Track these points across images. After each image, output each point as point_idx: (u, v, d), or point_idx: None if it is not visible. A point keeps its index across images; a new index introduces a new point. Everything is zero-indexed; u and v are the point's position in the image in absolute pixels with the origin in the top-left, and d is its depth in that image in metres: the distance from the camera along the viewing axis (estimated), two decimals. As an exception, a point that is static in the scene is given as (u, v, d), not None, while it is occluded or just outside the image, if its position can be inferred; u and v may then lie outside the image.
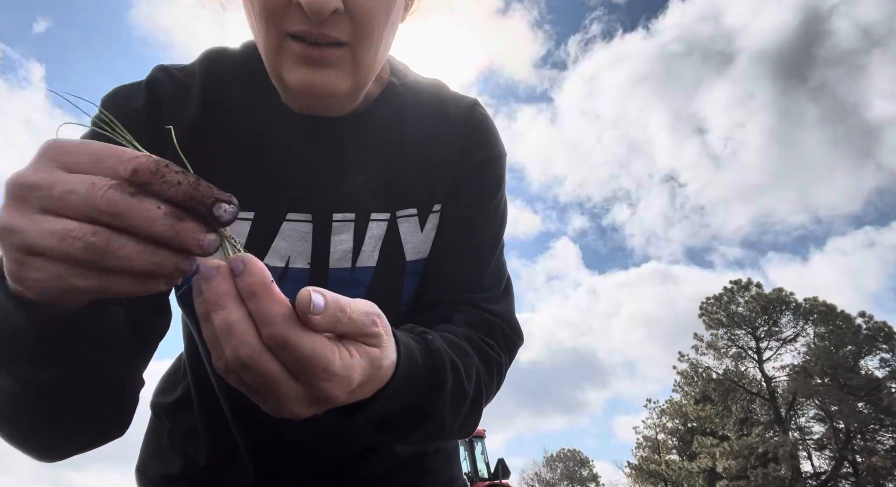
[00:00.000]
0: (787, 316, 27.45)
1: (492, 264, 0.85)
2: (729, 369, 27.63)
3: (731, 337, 27.87)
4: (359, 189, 0.78)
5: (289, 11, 0.62)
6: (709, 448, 26.36)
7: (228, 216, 0.39)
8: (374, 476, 0.91)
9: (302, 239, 0.76)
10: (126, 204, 0.37)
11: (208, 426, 0.88)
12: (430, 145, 0.83)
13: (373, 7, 0.63)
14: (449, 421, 0.66)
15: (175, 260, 0.39)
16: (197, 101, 0.75)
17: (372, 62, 0.68)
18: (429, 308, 0.80)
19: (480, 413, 0.73)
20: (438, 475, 0.97)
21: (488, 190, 0.86)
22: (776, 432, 25.67)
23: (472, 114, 0.86)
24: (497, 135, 0.88)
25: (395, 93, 0.83)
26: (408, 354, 0.56)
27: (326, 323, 0.42)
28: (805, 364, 26.05)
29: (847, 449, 24.51)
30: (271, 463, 0.86)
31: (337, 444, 0.88)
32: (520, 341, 0.83)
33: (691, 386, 29.05)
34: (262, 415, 0.85)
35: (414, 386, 0.58)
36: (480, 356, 0.73)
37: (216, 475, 0.89)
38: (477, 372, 0.72)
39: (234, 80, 0.78)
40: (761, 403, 26.96)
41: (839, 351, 25.70)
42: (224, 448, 0.87)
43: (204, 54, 0.81)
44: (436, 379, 0.61)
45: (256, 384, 0.42)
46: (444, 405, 0.63)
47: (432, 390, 0.61)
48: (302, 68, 0.65)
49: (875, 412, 24.31)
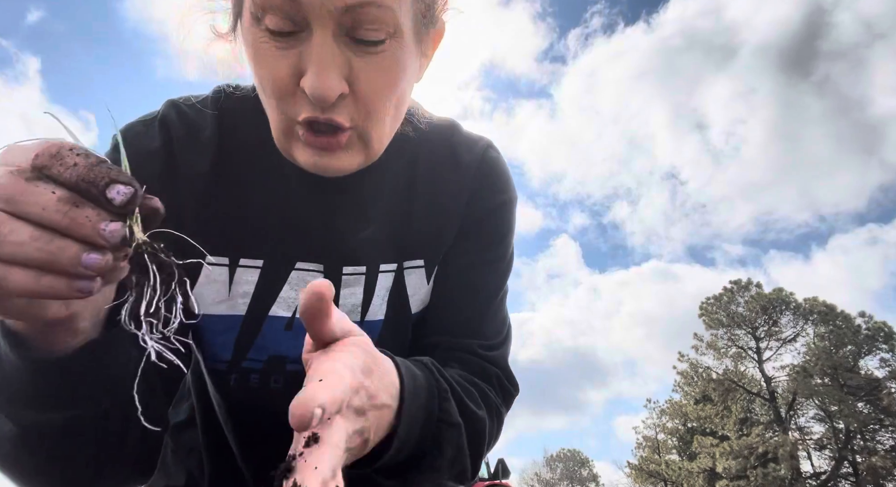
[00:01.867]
0: (787, 316, 27.43)
1: (493, 310, 0.84)
2: (729, 369, 27.62)
3: (731, 337, 27.86)
4: (369, 241, 0.78)
5: (296, 98, 0.61)
6: (709, 448, 26.36)
7: (122, 198, 0.35)
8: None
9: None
10: (17, 187, 0.35)
11: (210, 447, 0.89)
12: (440, 195, 0.82)
13: (378, 88, 0.62)
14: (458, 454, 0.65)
15: (76, 250, 0.35)
16: (210, 147, 0.75)
17: (381, 137, 0.67)
18: (425, 351, 0.79)
19: (484, 449, 0.72)
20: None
21: (495, 235, 0.85)
22: (776, 432, 25.67)
23: (484, 159, 0.85)
24: (508, 179, 0.87)
25: (406, 143, 0.82)
26: (410, 375, 0.58)
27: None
28: (805, 364, 26.04)
29: (847, 449, 24.52)
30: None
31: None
32: (515, 392, 0.83)
33: (691, 386, 29.04)
34: (265, 439, 0.86)
35: (427, 398, 0.59)
36: (481, 395, 0.73)
37: None
38: (485, 401, 0.72)
39: (247, 124, 0.77)
40: (761, 403, 26.96)
41: (839, 351, 25.69)
42: (226, 469, 0.88)
43: (216, 92, 0.80)
44: (442, 395, 0.62)
45: None
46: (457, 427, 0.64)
47: (444, 402, 0.62)
48: (311, 151, 0.64)
49: (875, 412, 24.31)
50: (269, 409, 0.81)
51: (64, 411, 0.50)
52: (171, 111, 0.76)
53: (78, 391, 0.50)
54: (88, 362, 0.49)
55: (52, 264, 0.35)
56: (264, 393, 0.79)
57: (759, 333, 27.69)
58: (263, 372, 0.78)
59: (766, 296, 27.62)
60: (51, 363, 0.46)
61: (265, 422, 0.83)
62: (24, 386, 0.48)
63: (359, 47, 0.60)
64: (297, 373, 0.79)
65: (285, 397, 0.87)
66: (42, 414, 0.50)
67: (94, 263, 0.36)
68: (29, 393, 0.48)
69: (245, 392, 0.79)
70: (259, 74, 0.63)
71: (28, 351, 0.45)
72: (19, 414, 0.49)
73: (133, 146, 0.71)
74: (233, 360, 0.78)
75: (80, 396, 0.51)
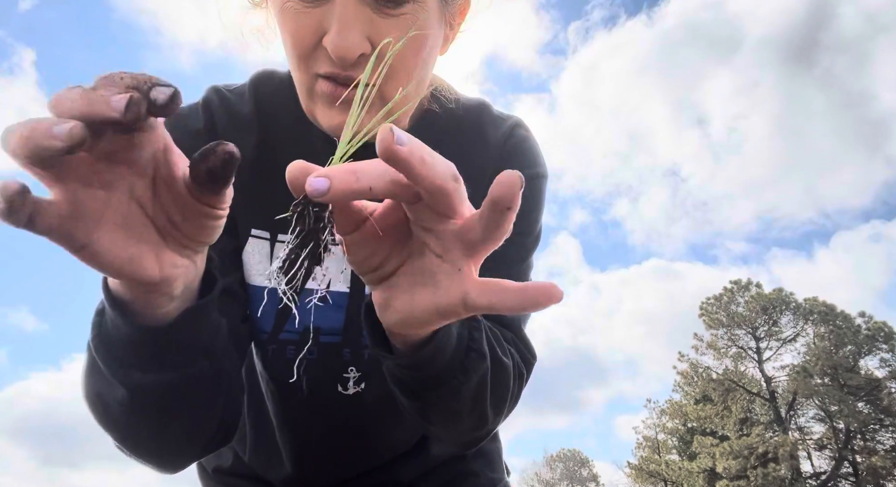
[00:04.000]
0: (787, 316, 27.46)
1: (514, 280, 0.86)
2: (729, 369, 27.64)
3: (731, 337, 27.88)
4: None
5: (318, 54, 0.65)
6: (709, 448, 26.38)
7: (164, 97, 0.37)
8: (411, 476, 0.94)
9: (342, 263, 0.79)
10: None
11: (254, 429, 0.93)
12: (466, 169, 0.83)
13: (401, 49, 0.65)
14: (482, 394, 0.65)
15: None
16: (251, 129, 0.79)
17: (402, 100, 0.68)
18: None
19: (506, 403, 0.72)
20: (480, 476, 0.98)
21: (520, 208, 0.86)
22: (776, 432, 25.70)
23: (511, 135, 0.86)
24: (537, 156, 0.88)
25: (434, 121, 0.84)
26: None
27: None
28: (805, 364, 26.07)
29: (847, 449, 24.54)
30: (311, 465, 0.91)
31: (374, 450, 0.92)
32: (533, 360, 0.83)
33: (691, 386, 29.06)
34: (304, 421, 0.89)
35: (459, 338, 0.59)
36: (502, 349, 0.73)
37: (260, 471, 0.95)
38: (510, 355, 0.72)
39: (283, 107, 0.81)
40: (761, 403, 26.98)
41: (839, 351, 25.71)
42: (267, 450, 0.92)
43: (254, 77, 0.84)
44: (473, 344, 0.62)
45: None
46: (485, 367, 0.63)
47: (471, 351, 0.62)
48: (333, 111, 0.67)
49: (875, 412, 24.34)
50: (305, 379, 0.85)
51: (165, 372, 0.55)
52: (214, 96, 0.81)
53: (178, 354, 0.55)
54: (186, 328, 0.54)
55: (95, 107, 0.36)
56: (300, 363, 0.83)
57: (759, 333, 27.71)
58: (299, 344, 0.82)
59: (766, 296, 27.65)
60: (153, 329, 0.51)
61: (300, 394, 0.87)
62: (130, 351, 0.53)
63: (381, 8, 0.63)
64: (331, 345, 0.82)
65: (319, 368, 0.86)
66: (149, 376, 0.55)
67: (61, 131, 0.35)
68: (133, 358, 0.54)
69: (282, 363, 0.83)
70: (285, 34, 0.67)
71: (133, 317, 0.50)
72: (129, 377, 0.55)
73: (178, 128, 0.75)
74: (273, 331, 0.82)
75: (179, 359, 0.56)
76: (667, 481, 28.56)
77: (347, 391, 0.84)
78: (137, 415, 0.58)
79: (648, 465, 29.80)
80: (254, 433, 0.93)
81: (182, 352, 0.56)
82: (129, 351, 0.54)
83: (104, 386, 0.57)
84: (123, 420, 0.59)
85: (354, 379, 0.84)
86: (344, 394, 0.84)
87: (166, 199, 0.44)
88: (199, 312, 0.55)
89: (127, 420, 0.59)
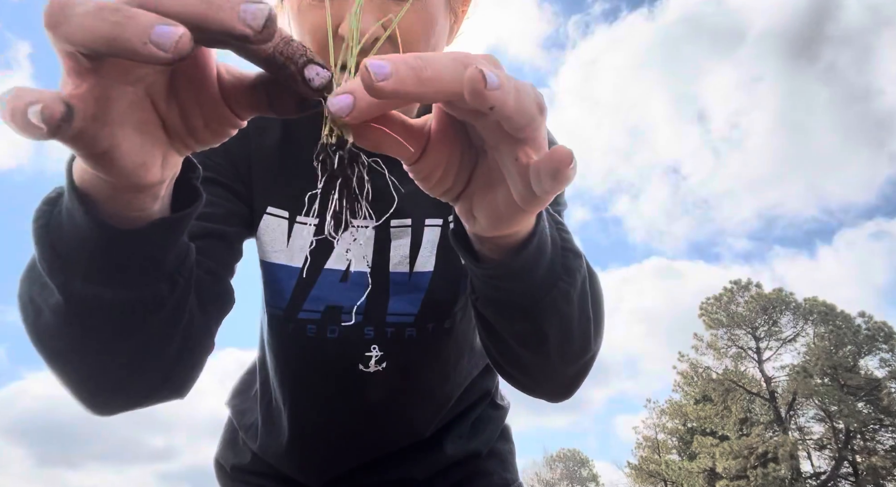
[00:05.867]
0: (787, 316, 27.48)
1: None
2: (729, 369, 27.67)
3: (731, 337, 27.90)
4: (412, 195, 0.81)
5: (336, 44, 0.65)
6: (709, 448, 26.40)
7: (321, 81, 0.34)
8: (425, 475, 0.93)
9: (364, 243, 0.80)
10: None
11: (266, 421, 0.94)
12: None
13: (413, 32, 0.69)
14: (579, 310, 0.60)
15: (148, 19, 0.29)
16: (275, 121, 0.81)
17: None
18: None
19: (603, 311, 0.69)
20: (493, 476, 0.98)
21: None
22: (776, 432, 25.72)
23: None
24: (551, 137, 0.89)
25: None
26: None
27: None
28: (805, 364, 26.09)
29: (847, 449, 24.56)
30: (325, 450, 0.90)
31: (390, 432, 0.91)
32: None
33: (691, 386, 29.08)
34: (323, 402, 0.88)
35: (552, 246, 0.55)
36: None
37: (274, 461, 0.93)
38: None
39: None
40: (761, 403, 27.00)
41: (839, 351, 25.74)
42: (278, 443, 0.92)
43: None
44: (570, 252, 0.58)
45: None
46: (581, 275, 0.59)
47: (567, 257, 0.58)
48: None
49: (875, 412, 24.36)
50: (325, 358, 0.84)
51: (117, 288, 0.47)
52: None
53: (137, 270, 0.48)
54: (156, 240, 0.47)
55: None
56: (320, 342, 0.82)
57: (759, 333, 27.74)
58: (321, 323, 0.82)
59: (765, 296, 27.68)
60: (122, 233, 0.43)
61: (319, 373, 0.86)
62: (83, 256, 0.45)
63: None
64: (352, 324, 0.82)
65: (341, 346, 0.87)
66: (92, 288, 0.47)
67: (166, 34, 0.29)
68: (85, 264, 0.46)
69: (303, 341, 0.83)
70: (301, 29, 0.70)
71: (100, 217, 0.42)
72: (68, 285, 0.46)
73: None
74: (288, 307, 0.82)
75: (136, 277, 0.48)
76: (667, 481, 28.58)
77: (368, 369, 0.84)
78: (72, 329, 0.49)
79: (648, 465, 29.82)
80: (265, 423, 0.94)
81: (141, 268, 0.48)
82: (81, 252, 0.45)
83: (38, 289, 0.49)
84: (54, 333, 0.50)
85: (377, 358, 0.84)
86: (365, 372, 0.84)
87: (187, 99, 0.39)
88: (175, 225, 0.47)
89: (59, 333, 0.50)
